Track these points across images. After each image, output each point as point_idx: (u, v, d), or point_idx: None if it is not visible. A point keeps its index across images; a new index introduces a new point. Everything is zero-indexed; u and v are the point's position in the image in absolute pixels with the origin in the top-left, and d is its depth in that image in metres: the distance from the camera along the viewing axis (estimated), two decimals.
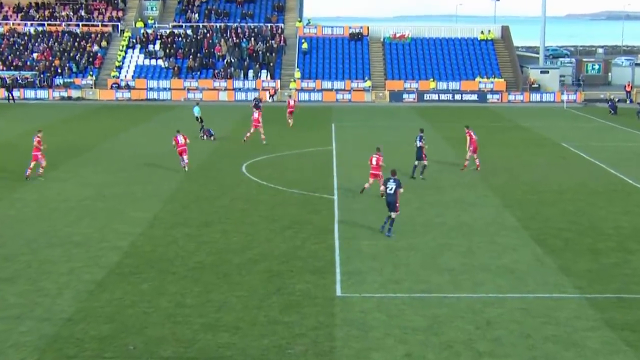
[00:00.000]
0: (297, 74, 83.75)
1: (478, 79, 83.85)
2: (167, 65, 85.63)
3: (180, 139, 39.96)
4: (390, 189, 27.13)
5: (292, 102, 59.01)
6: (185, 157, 39.59)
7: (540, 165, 42.43)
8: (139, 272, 23.22)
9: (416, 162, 37.98)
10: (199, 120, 54.93)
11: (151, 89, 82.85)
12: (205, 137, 50.93)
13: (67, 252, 25.24)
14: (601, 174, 39.65)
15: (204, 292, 21.50)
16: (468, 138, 40.24)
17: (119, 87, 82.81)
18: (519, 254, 25.45)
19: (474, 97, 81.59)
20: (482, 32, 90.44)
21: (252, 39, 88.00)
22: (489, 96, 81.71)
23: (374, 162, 33.27)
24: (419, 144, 37.76)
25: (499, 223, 29.55)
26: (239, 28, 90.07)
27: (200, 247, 26.03)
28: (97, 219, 29.77)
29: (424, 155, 37.72)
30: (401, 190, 27.29)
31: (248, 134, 49.34)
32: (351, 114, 68.13)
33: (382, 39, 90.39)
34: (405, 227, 28.55)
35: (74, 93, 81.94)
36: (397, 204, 27.24)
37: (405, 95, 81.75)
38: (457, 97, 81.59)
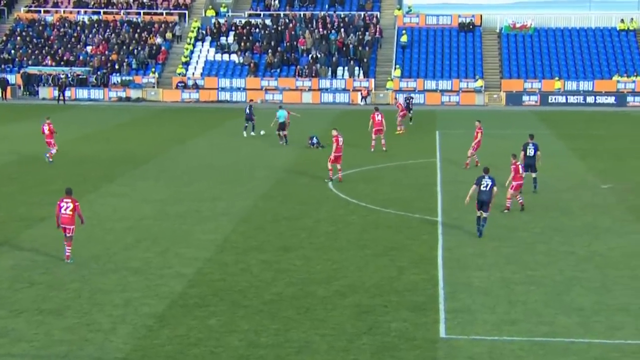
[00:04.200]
0: (396, 72, 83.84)
1: (616, 77, 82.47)
2: (242, 61, 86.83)
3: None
4: (486, 186, 30.02)
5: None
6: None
7: None
8: (205, 305, 23.49)
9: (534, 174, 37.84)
10: (281, 127, 53.63)
11: (223, 88, 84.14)
12: (310, 144, 51.87)
13: (123, 280, 25.70)
14: None
15: (281, 330, 21.62)
16: (479, 134, 44.19)
17: (185, 86, 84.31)
18: None
19: (611, 99, 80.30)
20: (621, 21, 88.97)
21: (342, 30, 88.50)
22: (629, 98, 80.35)
23: (521, 171, 34.37)
24: (533, 152, 37.58)
25: None
26: (326, 17, 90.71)
27: (277, 276, 26.20)
28: (158, 241, 30.26)
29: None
30: (495, 189, 30.18)
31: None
32: (460, 120, 67.69)
33: (498, 30, 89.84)
34: (524, 257, 28.22)
35: (133, 93, 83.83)
36: (491, 204, 30.32)
37: (525, 98, 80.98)
38: (590, 99, 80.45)
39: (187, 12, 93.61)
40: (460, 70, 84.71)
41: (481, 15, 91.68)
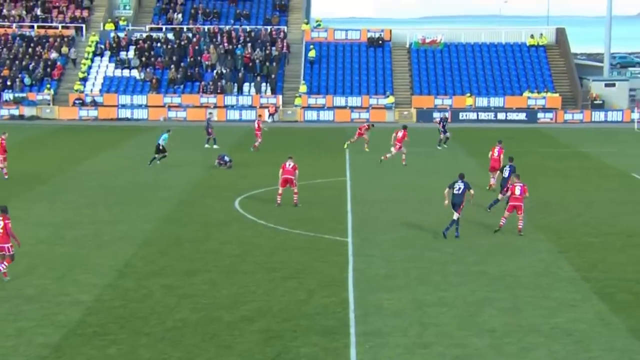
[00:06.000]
0: (303, 88, 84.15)
1: (526, 93, 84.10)
2: (143, 77, 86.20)
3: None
4: (458, 189, 33.27)
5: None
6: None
7: (604, 202, 42.36)
8: (105, 333, 23.20)
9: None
10: (161, 149, 52.43)
11: (123, 106, 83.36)
12: (220, 164, 51.39)
13: (16, 309, 25.24)
14: None
15: (185, 358, 21.47)
16: (496, 153, 45.17)
17: (83, 103, 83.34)
18: (577, 311, 25.34)
19: (522, 116, 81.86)
20: (531, 36, 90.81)
21: (249, 45, 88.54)
22: (539, 115, 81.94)
23: (517, 192, 34.50)
24: (507, 174, 39.93)
25: (553, 273, 29.45)
26: (232, 32, 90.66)
27: (181, 301, 26.02)
28: (55, 267, 29.81)
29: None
30: (471, 191, 33.89)
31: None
32: (370, 137, 68.19)
33: (407, 45, 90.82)
34: (434, 278, 28.49)
35: (27, 111, 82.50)
36: (462, 206, 33.28)
37: (436, 114, 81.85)
38: (501, 116, 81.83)
39: (84, 25, 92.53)
40: (370, 87, 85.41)
41: (390, 30, 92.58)
